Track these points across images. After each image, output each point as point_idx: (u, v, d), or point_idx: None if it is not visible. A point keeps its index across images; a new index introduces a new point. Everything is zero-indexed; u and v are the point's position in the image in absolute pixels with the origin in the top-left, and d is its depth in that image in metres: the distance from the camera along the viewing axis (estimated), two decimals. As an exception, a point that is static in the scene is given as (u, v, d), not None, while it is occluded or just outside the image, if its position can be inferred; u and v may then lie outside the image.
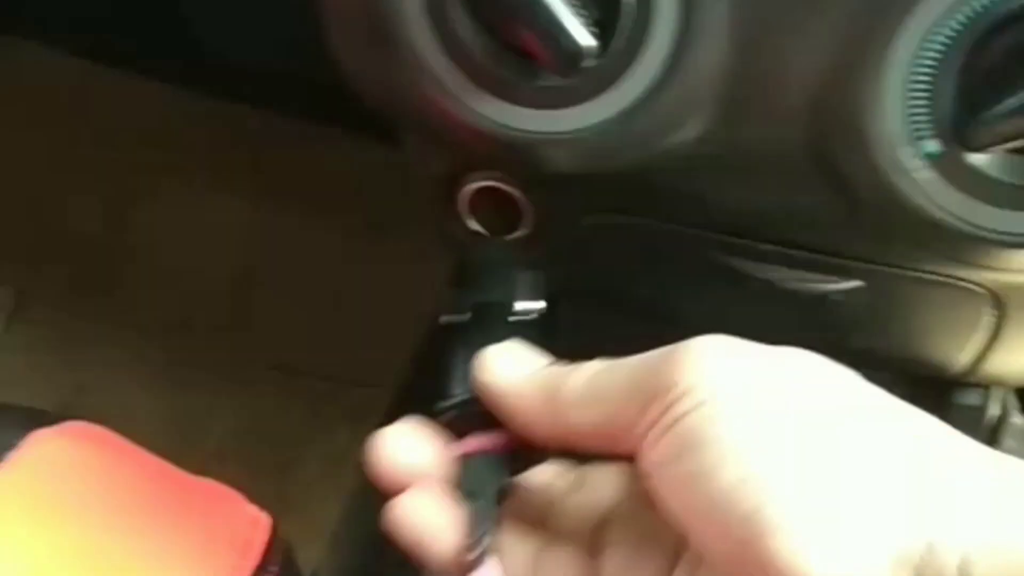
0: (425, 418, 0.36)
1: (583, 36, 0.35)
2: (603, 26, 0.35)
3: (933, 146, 0.35)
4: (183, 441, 1.05)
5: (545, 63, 0.36)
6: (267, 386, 1.09)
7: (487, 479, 0.34)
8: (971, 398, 0.55)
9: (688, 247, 0.46)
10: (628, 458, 0.31)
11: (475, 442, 0.35)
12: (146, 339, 1.12)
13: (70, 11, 1.10)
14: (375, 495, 0.75)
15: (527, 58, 0.37)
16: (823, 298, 0.45)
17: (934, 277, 0.43)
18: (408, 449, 0.35)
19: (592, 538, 0.34)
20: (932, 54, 0.33)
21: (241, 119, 1.19)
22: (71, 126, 1.23)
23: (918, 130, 0.34)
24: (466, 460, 0.35)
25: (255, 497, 0.49)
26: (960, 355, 0.47)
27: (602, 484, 0.35)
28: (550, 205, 0.48)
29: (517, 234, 0.49)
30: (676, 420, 0.28)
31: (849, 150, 0.36)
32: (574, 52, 0.35)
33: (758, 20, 0.35)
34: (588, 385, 0.32)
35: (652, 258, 0.49)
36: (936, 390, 0.52)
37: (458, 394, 0.36)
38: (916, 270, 0.43)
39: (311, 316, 1.14)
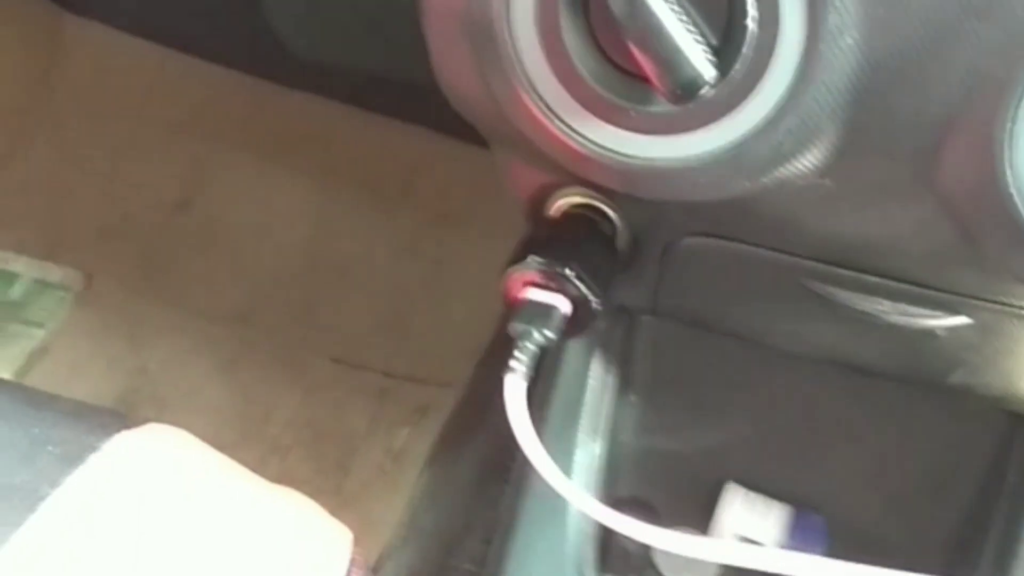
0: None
1: (704, 65, 0.33)
2: (722, 54, 0.34)
3: (1068, 189, 0.33)
4: (244, 431, 1.05)
5: (661, 90, 0.34)
6: (329, 379, 1.09)
7: (537, 325, 0.42)
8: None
9: (786, 274, 0.45)
10: None
11: (538, 294, 0.43)
12: (210, 326, 1.13)
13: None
14: (440, 491, 0.74)
15: (640, 82, 0.35)
16: (925, 333, 0.44)
17: (1046, 317, 0.42)
18: None
19: None
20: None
21: (312, 110, 1.19)
22: (143, 111, 1.23)
23: (1054, 173, 0.33)
24: (527, 303, 0.43)
25: (313, 491, 0.48)
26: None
27: None
28: (645, 225, 0.46)
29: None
30: None
31: (979, 188, 0.34)
32: (693, 81, 0.33)
33: (890, 51, 0.33)
34: None
35: (746, 283, 0.47)
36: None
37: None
38: (1028, 309, 0.41)
39: (375, 309, 1.14)
